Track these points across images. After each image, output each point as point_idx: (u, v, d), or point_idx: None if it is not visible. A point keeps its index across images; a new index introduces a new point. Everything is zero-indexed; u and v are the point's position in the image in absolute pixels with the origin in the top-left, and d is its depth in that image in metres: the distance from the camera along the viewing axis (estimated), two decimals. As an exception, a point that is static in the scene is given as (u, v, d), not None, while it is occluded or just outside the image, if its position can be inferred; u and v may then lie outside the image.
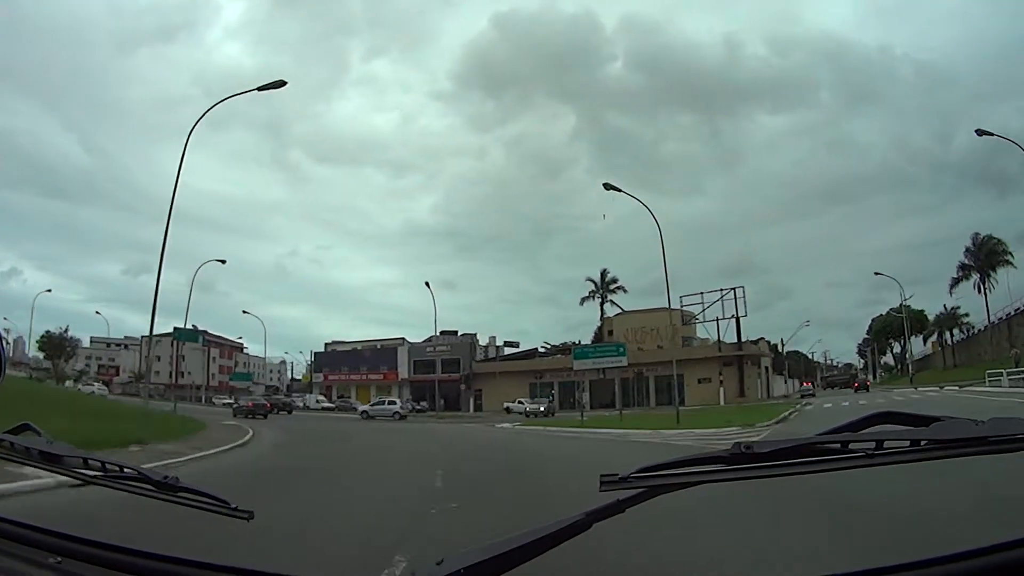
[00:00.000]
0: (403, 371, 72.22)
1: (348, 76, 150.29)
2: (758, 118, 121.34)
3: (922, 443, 1.04)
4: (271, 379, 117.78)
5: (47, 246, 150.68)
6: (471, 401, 66.69)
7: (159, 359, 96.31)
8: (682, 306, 62.34)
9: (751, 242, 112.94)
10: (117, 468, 1.38)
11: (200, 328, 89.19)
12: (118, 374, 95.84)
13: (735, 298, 60.10)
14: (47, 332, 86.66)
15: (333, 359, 78.77)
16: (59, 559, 1.17)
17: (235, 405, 47.36)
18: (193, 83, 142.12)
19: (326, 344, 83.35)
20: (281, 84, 25.58)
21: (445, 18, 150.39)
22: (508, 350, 74.72)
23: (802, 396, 57.60)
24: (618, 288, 76.68)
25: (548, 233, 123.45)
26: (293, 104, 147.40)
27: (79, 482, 1.45)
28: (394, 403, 51.61)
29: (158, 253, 23.35)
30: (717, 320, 61.08)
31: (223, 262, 41.57)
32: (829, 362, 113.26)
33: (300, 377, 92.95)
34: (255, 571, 1.19)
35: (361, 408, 54.29)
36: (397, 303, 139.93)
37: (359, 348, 78.69)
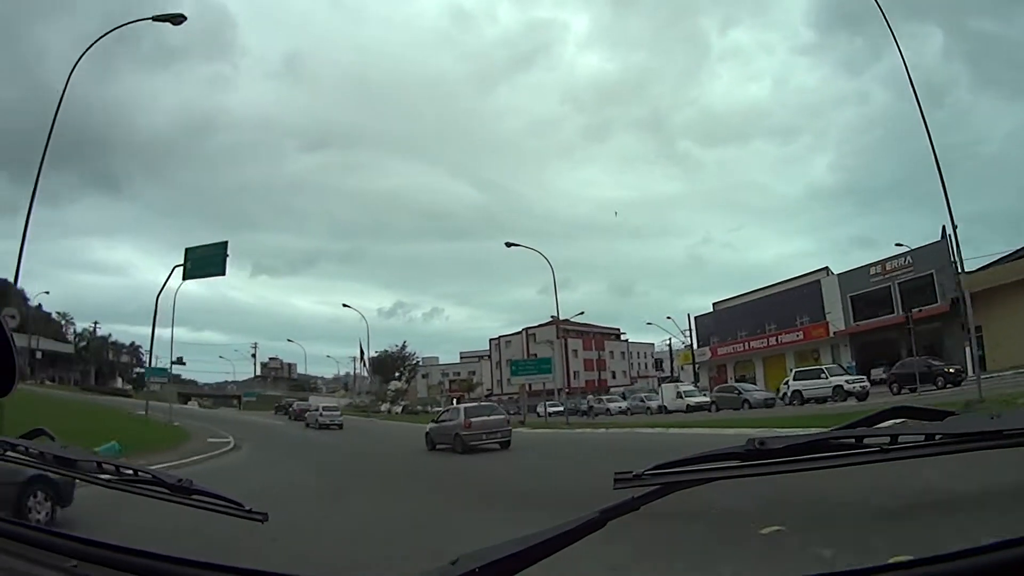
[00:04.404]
0: (836, 320, 42.53)
1: (711, 54, 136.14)
2: None
3: (937, 437, 1.03)
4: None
5: (461, 284, 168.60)
6: (968, 354, 28.83)
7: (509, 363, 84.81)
8: None
9: None
10: (131, 472, 1.40)
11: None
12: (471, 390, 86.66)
13: None
14: (383, 351, 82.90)
15: (721, 323, 52.92)
16: (75, 563, 1.17)
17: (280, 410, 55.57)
18: (562, 100, 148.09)
19: (714, 304, 57.93)
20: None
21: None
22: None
23: None
24: None
25: (945, 167, 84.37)
26: (667, 95, 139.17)
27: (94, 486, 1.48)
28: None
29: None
30: None
31: (182, 19, 21.42)
32: None
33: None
34: (271, 573, 1.18)
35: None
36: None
37: (758, 300, 51.13)
